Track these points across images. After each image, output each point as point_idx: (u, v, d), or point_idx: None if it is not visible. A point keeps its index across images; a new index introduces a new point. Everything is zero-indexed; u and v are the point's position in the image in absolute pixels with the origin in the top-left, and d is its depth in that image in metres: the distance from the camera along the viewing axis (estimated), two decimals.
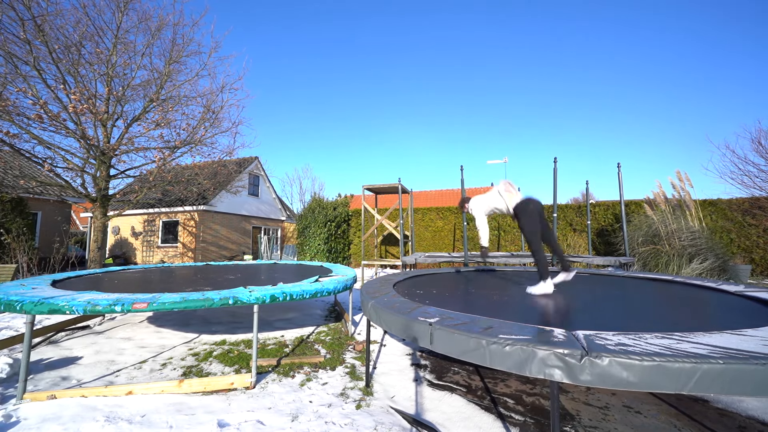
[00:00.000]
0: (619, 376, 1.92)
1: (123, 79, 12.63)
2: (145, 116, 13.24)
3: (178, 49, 13.10)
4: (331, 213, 19.61)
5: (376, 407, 3.66)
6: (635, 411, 3.54)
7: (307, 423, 3.35)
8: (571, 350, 2.02)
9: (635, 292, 4.89)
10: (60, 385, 4.27)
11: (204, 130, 13.62)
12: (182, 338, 6.14)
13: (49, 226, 18.17)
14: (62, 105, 11.35)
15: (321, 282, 5.58)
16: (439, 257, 11.33)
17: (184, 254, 20.95)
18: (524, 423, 3.32)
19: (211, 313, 7.89)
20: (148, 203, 21.15)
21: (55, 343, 5.86)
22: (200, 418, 3.44)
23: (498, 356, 2.26)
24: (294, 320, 7.32)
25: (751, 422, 3.34)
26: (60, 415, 3.50)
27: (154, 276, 7.52)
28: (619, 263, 9.77)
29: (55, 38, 10.96)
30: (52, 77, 11.30)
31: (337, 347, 5.58)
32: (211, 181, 16.81)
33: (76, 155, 12.49)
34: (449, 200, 27.92)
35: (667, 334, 2.28)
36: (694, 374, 1.83)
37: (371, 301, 3.71)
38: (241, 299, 4.31)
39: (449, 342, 2.56)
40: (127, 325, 7.03)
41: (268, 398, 3.87)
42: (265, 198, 27.20)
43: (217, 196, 21.19)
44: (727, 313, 3.72)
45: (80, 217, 38.23)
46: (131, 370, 4.73)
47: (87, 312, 3.95)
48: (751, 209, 14.02)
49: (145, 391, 3.98)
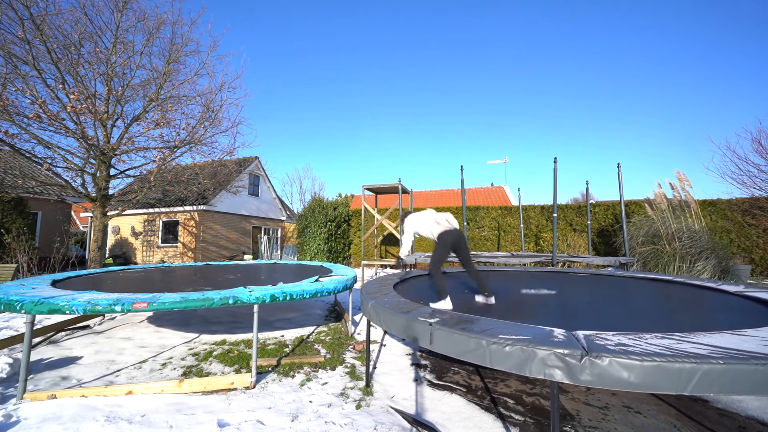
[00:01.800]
0: (619, 376, 1.92)
1: (122, 79, 12.60)
2: (144, 116, 13.21)
3: (176, 48, 13.09)
4: (332, 213, 19.60)
5: (376, 407, 3.66)
6: (635, 411, 3.54)
7: (307, 423, 3.35)
8: (571, 350, 2.02)
9: (635, 293, 4.90)
10: (60, 384, 4.27)
11: (204, 129, 13.60)
12: (182, 338, 6.14)
13: (50, 225, 18.14)
14: (62, 105, 11.33)
15: (321, 282, 5.58)
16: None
17: (184, 254, 20.93)
18: (524, 423, 3.32)
19: (211, 313, 7.89)
20: (148, 203, 21.12)
21: (55, 343, 5.86)
22: (200, 417, 3.44)
23: (498, 356, 2.26)
24: (294, 320, 7.32)
25: (751, 422, 3.35)
26: (60, 414, 3.50)
27: (154, 276, 7.53)
28: (619, 263, 9.76)
29: (54, 38, 10.95)
30: (51, 77, 11.28)
31: (337, 347, 5.58)
32: (211, 181, 16.80)
33: (76, 155, 12.47)
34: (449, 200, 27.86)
35: (667, 335, 2.28)
36: (695, 374, 1.83)
37: (371, 301, 3.72)
38: (241, 299, 4.32)
39: (449, 342, 2.57)
40: (127, 324, 7.03)
41: (268, 398, 3.87)
42: (265, 198, 27.16)
43: (217, 195, 21.16)
44: (727, 314, 3.73)
45: (80, 217, 38.20)
46: (131, 370, 4.73)
47: (87, 312, 3.96)
48: (751, 209, 14.00)
49: (145, 390, 3.98)
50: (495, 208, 18.36)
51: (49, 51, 10.64)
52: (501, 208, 18.24)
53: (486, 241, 18.08)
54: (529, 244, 17.23)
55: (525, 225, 17.19)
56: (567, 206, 17.20)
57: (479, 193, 29.93)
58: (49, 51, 10.64)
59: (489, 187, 32.26)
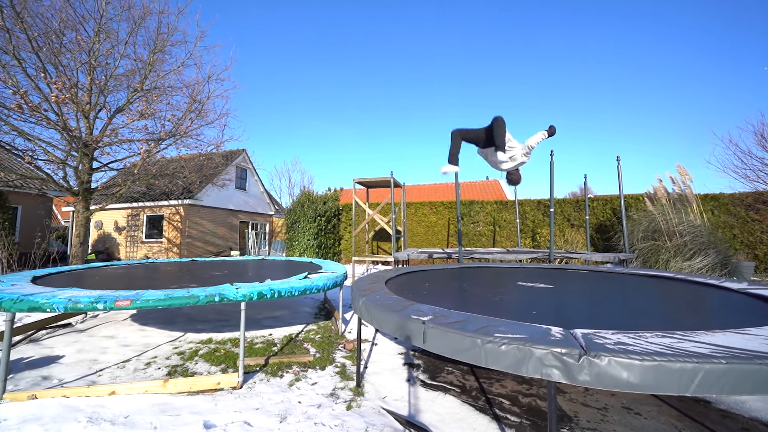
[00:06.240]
0: (618, 376, 1.90)
1: (106, 69, 12.48)
2: (128, 107, 13.11)
3: (162, 38, 12.96)
4: (321, 207, 19.57)
5: (368, 408, 3.64)
6: (635, 412, 3.54)
7: (295, 424, 3.33)
8: (569, 349, 2.00)
9: (635, 290, 4.89)
10: (41, 384, 4.22)
11: (190, 121, 13.52)
12: (167, 337, 6.09)
13: (30, 220, 17.98)
14: (43, 95, 11.21)
15: (310, 279, 5.55)
16: (432, 253, 11.34)
17: (169, 250, 20.84)
18: (520, 424, 3.32)
19: (196, 310, 7.84)
20: (132, 197, 21.00)
21: (35, 342, 5.80)
22: (185, 418, 3.41)
23: (493, 356, 2.23)
24: (282, 318, 7.29)
25: (755, 424, 3.35)
26: (41, 415, 3.46)
27: (138, 272, 7.47)
28: (619, 260, 9.79)
29: (35, 26, 10.83)
30: (32, 66, 11.15)
31: (327, 346, 5.57)
32: (197, 175, 16.68)
33: (58, 147, 12.36)
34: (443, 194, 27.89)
35: (668, 333, 2.27)
36: (697, 374, 1.81)
37: (362, 299, 3.69)
38: (228, 296, 4.28)
39: (443, 341, 2.54)
40: (110, 323, 6.97)
41: (255, 398, 3.84)
42: (252, 192, 27.05)
43: (204, 189, 21.06)
44: (730, 312, 3.73)
45: (62, 212, 37.90)
46: (114, 370, 4.69)
47: (68, 309, 3.92)
48: (755, 204, 13.95)
49: (128, 391, 3.94)
50: (490, 202, 18.41)
51: (30, 39, 10.50)
52: (496, 203, 18.28)
53: (481, 236, 18.13)
54: (525, 240, 17.29)
55: (521, 220, 17.25)
56: (564, 201, 17.29)
57: (474, 187, 30.01)
58: (30, 39, 10.50)
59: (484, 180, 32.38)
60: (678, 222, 10.91)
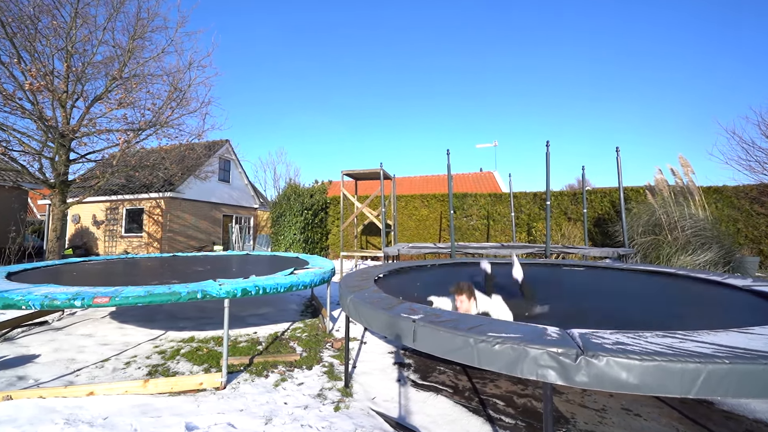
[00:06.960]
0: (617, 377, 1.88)
1: (83, 56, 12.27)
2: (107, 95, 12.94)
3: (142, 23, 12.74)
4: (308, 200, 19.49)
5: (356, 409, 3.63)
6: (634, 414, 3.54)
7: (281, 426, 3.31)
8: (565, 349, 1.98)
9: (635, 287, 4.91)
10: (16, 385, 4.20)
11: (170, 110, 13.35)
12: (147, 335, 6.06)
13: (4, 214, 17.76)
14: (17, 83, 11.02)
15: (297, 275, 5.54)
16: (423, 248, 11.33)
17: (150, 244, 20.69)
18: (515, 426, 3.31)
19: (178, 308, 7.80)
20: (111, 190, 20.78)
21: (10, 341, 5.76)
22: (167, 420, 3.39)
23: (487, 356, 2.22)
24: (268, 316, 7.28)
25: (759, 425, 3.37)
26: (16, 417, 3.44)
27: (117, 268, 7.43)
28: (618, 255, 9.84)
29: (8, 10, 10.66)
30: (6, 53, 10.97)
31: (314, 345, 5.55)
32: (179, 166, 16.49)
33: (33, 138, 12.15)
34: (435, 187, 27.75)
35: (669, 333, 2.26)
36: (699, 375, 1.79)
37: (350, 296, 3.66)
38: (211, 293, 4.24)
39: (434, 340, 2.53)
40: (88, 320, 6.91)
41: (239, 399, 3.82)
42: (236, 184, 26.86)
43: (185, 182, 20.87)
44: (733, 310, 3.74)
45: (38, 205, 37.51)
46: (92, 369, 4.66)
47: (44, 307, 3.91)
48: (760, 197, 13.88)
49: (107, 391, 3.92)
50: (484, 195, 18.45)
51: (3, 25, 10.33)
52: (490, 195, 18.32)
53: (474, 230, 18.17)
54: (520, 234, 17.33)
55: (516, 213, 17.26)
56: (561, 193, 17.34)
57: (467, 179, 29.97)
58: (3, 25, 10.33)
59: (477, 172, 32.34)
60: (680, 216, 10.96)
